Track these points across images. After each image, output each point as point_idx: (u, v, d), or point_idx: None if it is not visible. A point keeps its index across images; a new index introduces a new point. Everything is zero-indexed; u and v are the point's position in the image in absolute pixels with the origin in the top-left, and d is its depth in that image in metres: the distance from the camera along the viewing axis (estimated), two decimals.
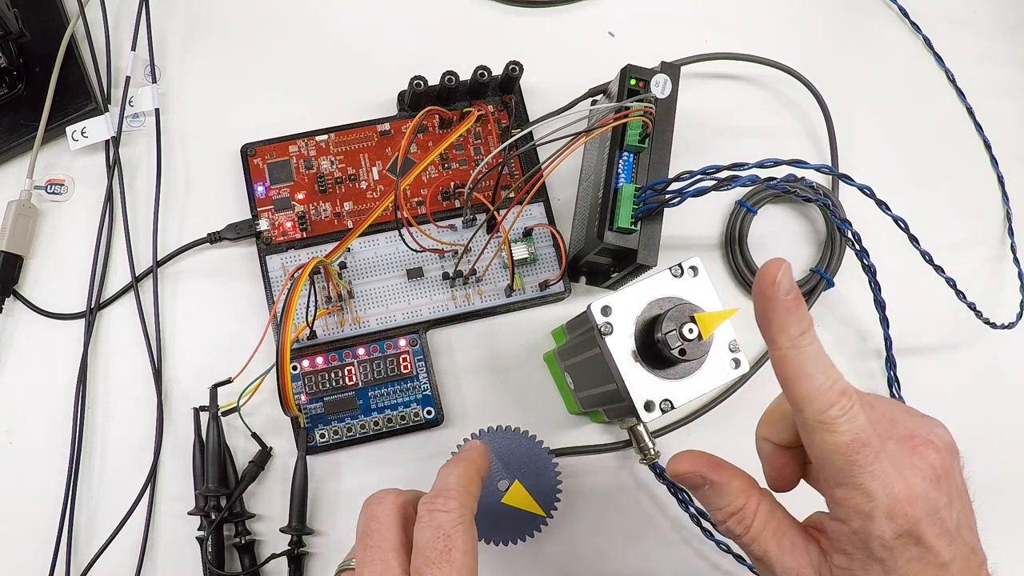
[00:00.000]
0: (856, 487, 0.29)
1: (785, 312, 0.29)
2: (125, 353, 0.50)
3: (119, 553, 0.47)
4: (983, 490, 0.54)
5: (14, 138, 0.52)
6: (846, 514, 0.29)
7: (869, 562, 0.29)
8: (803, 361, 0.29)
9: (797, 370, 0.29)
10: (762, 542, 0.32)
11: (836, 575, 0.31)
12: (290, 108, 0.54)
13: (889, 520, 0.29)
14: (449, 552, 0.32)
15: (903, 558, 0.29)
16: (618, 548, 0.51)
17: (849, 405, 0.29)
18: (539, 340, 0.53)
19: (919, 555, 0.29)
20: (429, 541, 0.32)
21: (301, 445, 0.48)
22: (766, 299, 0.29)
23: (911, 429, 0.31)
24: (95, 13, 0.54)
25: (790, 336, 0.29)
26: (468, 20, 0.58)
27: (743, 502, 0.33)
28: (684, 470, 0.34)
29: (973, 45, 0.62)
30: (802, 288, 0.54)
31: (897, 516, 0.28)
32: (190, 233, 0.52)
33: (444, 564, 0.31)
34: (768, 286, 0.29)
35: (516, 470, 0.44)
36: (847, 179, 0.41)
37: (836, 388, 0.29)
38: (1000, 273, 0.58)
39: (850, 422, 0.29)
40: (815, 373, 0.29)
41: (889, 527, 0.29)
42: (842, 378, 0.29)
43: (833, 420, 0.28)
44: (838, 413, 0.28)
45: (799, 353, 0.29)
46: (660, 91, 0.46)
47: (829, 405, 0.29)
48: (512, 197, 0.52)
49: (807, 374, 0.29)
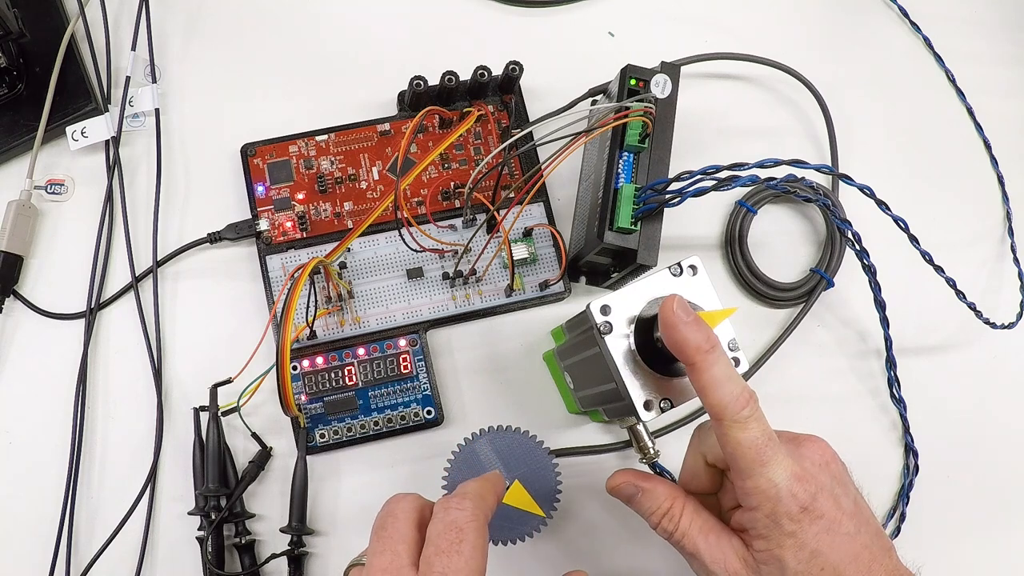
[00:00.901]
0: (763, 476, 0.34)
1: (690, 330, 0.34)
2: (125, 353, 0.50)
3: (119, 553, 0.47)
4: (983, 490, 0.55)
5: (14, 138, 0.52)
6: (757, 502, 0.34)
7: (783, 539, 0.34)
8: (715, 373, 0.34)
9: (712, 380, 0.34)
10: (691, 538, 0.37)
11: (759, 558, 0.35)
12: (290, 108, 0.54)
13: (792, 497, 0.34)
14: (460, 543, 0.33)
15: (811, 531, 0.34)
16: (618, 548, 0.51)
17: (755, 408, 0.34)
18: (539, 340, 0.53)
19: (826, 527, 0.34)
20: (441, 532, 0.33)
21: (301, 445, 0.48)
22: (672, 326, 0.35)
23: (793, 434, 0.37)
24: (95, 13, 0.54)
25: (701, 350, 0.34)
26: (468, 20, 0.58)
27: (670, 504, 0.38)
28: (617, 482, 0.40)
29: (973, 45, 0.62)
30: (802, 288, 0.54)
31: (797, 492, 0.34)
32: (190, 233, 0.52)
33: (454, 554, 0.32)
34: (670, 315, 0.35)
35: (516, 470, 0.44)
36: (847, 179, 0.41)
37: (744, 394, 0.34)
38: (1000, 273, 0.58)
39: (757, 421, 0.34)
40: (726, 382, 0.34)
41: (793, 502, 0.34)
42: (747, 385, 0.35)
43: (745, 420, 0.34)
44: (748, 414, 0.34)
45: (711, 364, 0.34)
46: (660, 91, 0.46)
47: (740, 407, 0.34)
48: (512, 197, 0.52)
49: (720, 383, 0.34)
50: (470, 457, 0.45)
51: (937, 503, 0.54)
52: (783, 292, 0.54)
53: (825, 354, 0.55)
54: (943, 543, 0.53)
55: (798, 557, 0.34)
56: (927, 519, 0.53)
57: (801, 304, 0.55)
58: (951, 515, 0.54)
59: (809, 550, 0.34)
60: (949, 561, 0.53)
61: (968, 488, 0.54)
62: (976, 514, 0.54)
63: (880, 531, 0.36)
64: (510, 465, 0.44)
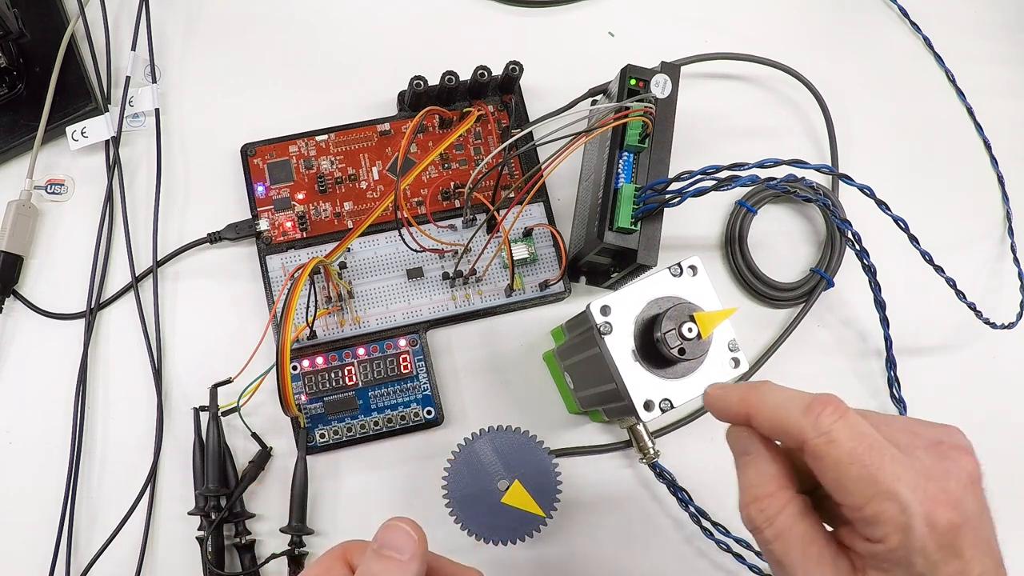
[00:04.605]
0: (885, 496, 0.26)
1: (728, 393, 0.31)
2: (125, 353, 0.50)
3: (119, 553, 0.47)
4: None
5: (14, 138, 0.52)
6: (883, 532, 0.26)
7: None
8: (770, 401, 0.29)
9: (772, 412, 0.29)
10: (785, 542, 0.29)
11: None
12: (290, 108, 0.54)
13: (931, 528, 0.26)
14: None
15: (944, 573, 0.26)
16: (618, 548, 0.51)
17: (839, 412, 0.28)
18: (539, 340, 0.53)
19: (959, 569, 0.26)
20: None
21: (301, 445, 0.48)
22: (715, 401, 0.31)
23: (937, 436, 0.29)
24: (95, 13, 0.54)
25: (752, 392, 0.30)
26: (468, 20, 0.58)
27: (772, 490, 0.30)
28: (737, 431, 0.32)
29: (973, 45, 0.62)
30: (802, 288, 0.54)
31: (939, 523, 0.26)
32: (190, 233, 0.52)
33: None
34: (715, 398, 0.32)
35: (516, 470, 0.45)
36: (847, 179, 0.41)
37: (811, 400, 0.28)
38: (1000, 273, 0.58)
39: (847, 427, 0.27)
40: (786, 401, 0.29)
41: (932, 537, 0.26)
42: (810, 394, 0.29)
43: (830, 428, 0.27)
44: (830, 420, 0.28)
45: (764, 396, 0.30)
46: (660, 91, 0.46)
47: (816, 415, 0.28)
48: (512, 197, 0.52)
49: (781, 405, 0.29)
50: (470, 457, 0.45)
51: None
52: (783, 292, 0.54)
53: (825, 354, 0.55)
54: None
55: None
56: None
57: (801, 304, 0.55)
58: None
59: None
60: None
61: None
62: None
63: (999, 560, 0.29)
64: (510, 465, 0.45)
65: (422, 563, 0.31)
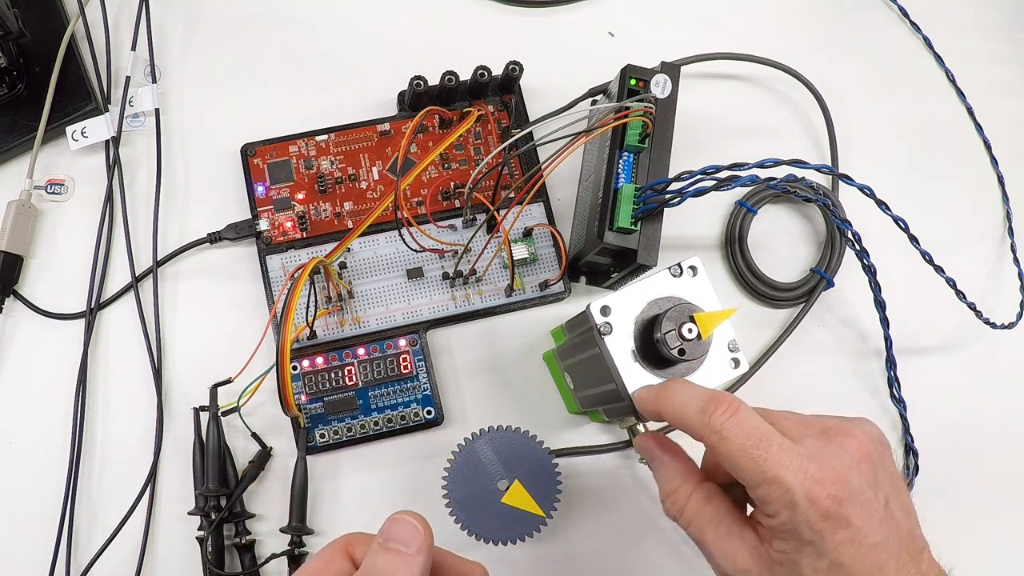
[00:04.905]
0: (771, 481, 0.30)
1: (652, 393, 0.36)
2: (125, 353, 0.50)
3: (119, 553, 0.47)
4: (984, 490, 0.55)
5: (14, 138, 0.52)
6: (774, 510, 0.31)
7: (802, 546, 0.31)
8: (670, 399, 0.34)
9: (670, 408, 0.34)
10: (697, 525, 0.34)
11: (774, 557, 0.32)
12: (290, 108, 0.54)
13: (811, 503, 0.30)
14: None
15: (833, 541, 0.30)
16: (618, 548, 0.51)
17: (730, 411, 0.32)
18: (539, 340, 0.53)
19: (849, 537, 0.30)
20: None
21: (301, 445, 0.48)
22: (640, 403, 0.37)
23: (827, 425, 0.33)
24: (95, 13, 0.54)
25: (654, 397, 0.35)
26: (468, 20, 0.58)
27: (677, 484, 0.35)
28: (640, 443, 0.38)
29: (973, 45, 0.62)
30: (802, 288, 0.54)
31: (818, 498, 0.30)
32: (190, 233, 0.52)
33: None
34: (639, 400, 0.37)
35: (516, 470, 0.45)
36: (847, 179, 0.41)
37: (706, 401, 0.32)
38: (1000, 273, 0.58)
39: (737, 425, 0.31)
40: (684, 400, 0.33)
41: (813, 509, 0.30)
42: (709, 390, 0.33)
43: (721, 427, 0.31)
44: (721, 419, 0.31)
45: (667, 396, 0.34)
46: (660, 91, 0.46)
47: (709, 416, 0.32)
48: (512, 197, 0.52)
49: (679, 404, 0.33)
50: (470, 457, 0.45)
51: (937, 503, 0.53)
52: (783, 292, 0.54)
53: (825, 354, 0.55)
54: (943, 543, 0.53)
55: (816, 566, 0.31)
56: (927, 519, 0.53)
57: (801, 304, 0.55)
58: (951, 515, 0.54)
59: (829, 560, 0.30)
60: (949, 561, 0.53)
61: (968, 488, 0.54)
62: (976, 514, 0.54)
63: (912, 532, 0.32)
64: (510, 465, 0.45)
65: (428, 557, 0.31)
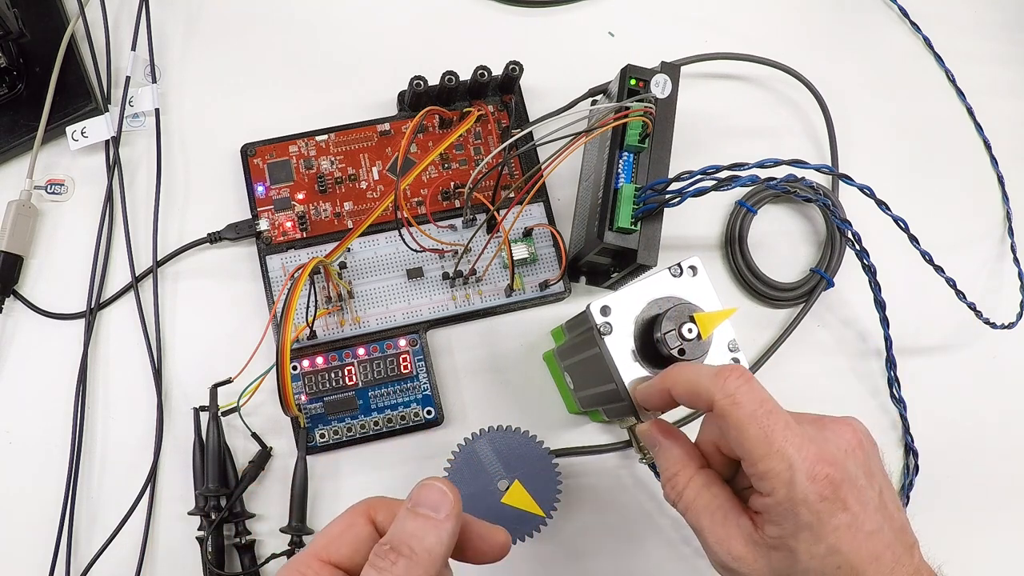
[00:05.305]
0: (776, 454, 0.30)
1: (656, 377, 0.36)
2: (125, 353, 0.50)
3: (119, 553, 0.47)
4: (984, 490, 0.55)
5: (14, 138, 0.52)
6: (771, 486, 0.30)
7: (798, 530, 0.30)
8: (685, 373, 0.34)
9: (685, 379, 0.34)
10: (694, 511, 0.34)
11: (770, 543, 0.31)
12: (290, 108, 0.54)
13: (811, 481, 0.30)
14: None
15: (830, 524, 0.30)
16: (618, 548, 0.51)
17: (744, 378, 0.32)
18: (539, 340, 0.53)
19: (847, 522, 0.30)
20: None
21: (301, 445, 0.48)
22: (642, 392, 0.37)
23: (821, 417, 0.34)
24: (95, 13, 0.54)
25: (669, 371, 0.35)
26: (468, 20, 0.58)
27: (677, 469, 0.35)
28: (643, 429, 0.37)
29: (973, 45, 0.62)
30: (802, 288, 0.54)
31: (818, 477, 0.30)
32: (190, 233, 0.52)
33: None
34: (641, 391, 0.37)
35: (516, 470, 0.45)
36: (847, 179, 0.41)
37: (715, 369, 0.32)
38: (1000, 273, 0.58)
39: (751, 391, 0.31)
40: (697, 372, 0.33)
41: (812, 488, 0.30)
42: (725, 364, 0.35)
43: (734, 391, 0.31)
44: (735, 384, 0.31)
45: (676, 373, 0.34)
46: (660, 91, 0.46)
47: (724, 379, 0.32)
48: (512, 197, 0.52)
49: (693, 374, 0.33)
50: (470, 457, 0.45)
51: (937, 503, 0.54)
52: (783, 292, 0.54)
53: (825, 354, 0.55)
54: (943, 543, 0.53)
55: (812, 552, 0.30)
56: (927, 519, 0.53)
57: (801, 304, 0.55)
58: (951, 515, 0.54)
59: (826, 545, 0.30)
60: (949, 561, 0.53)
61: (968, 488, 0.54)
62: (976, 514, 0.54)
63: (904, 527, 0.32)
64: (510, 465, 0.45)
65: (456, 523, 0.31)
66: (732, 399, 0.31)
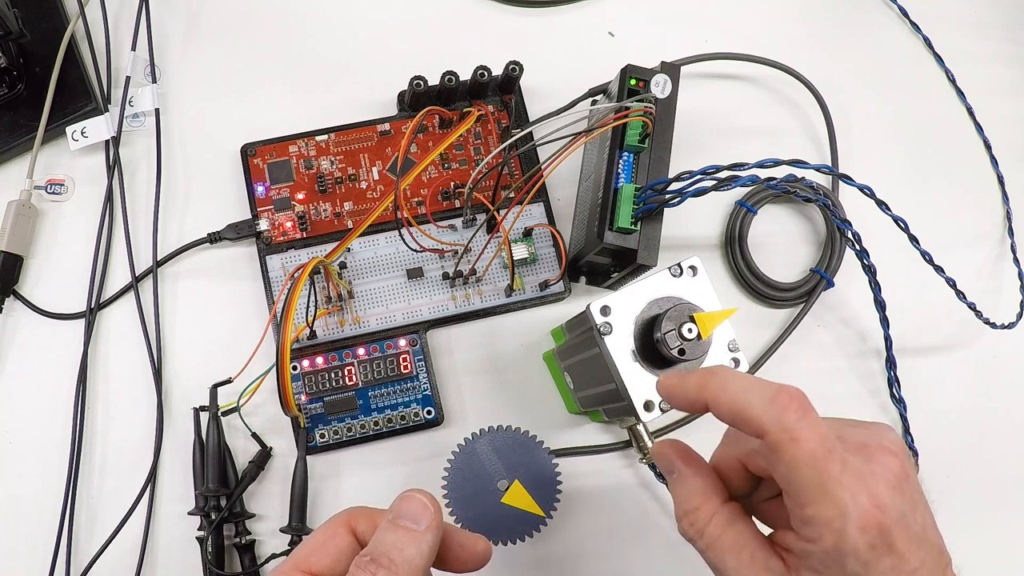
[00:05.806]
0: (827, 501, 0.27)
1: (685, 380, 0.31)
2: (125, 353, 0.50)
3: (119, 553, 0.47)
4: (984, 490, 0.55)
5: (14, 138, 0.52)
6: (818, 533, 0.28)
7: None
8: (730, 390, 0.29)
9: (733, 401, 0.29)
10: (718, 551, 0.31)
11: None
12: (290, 108, 0.54)
13: (862, 532, 0.27)
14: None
15: (876, 570, 0.27)
16: (618, 548, 0.51)
17: (803, 409, 0.28)
18: (539, 340, 0.53)
19: (891, 565, 0.27)
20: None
21: (301, 445, 0.48)
22: (671, 390, 0.32)
23: (862, 439, 0.30)
24: (95, 13, 0.54)
25: (703, 382, 0.30)
26: (468, 20, 0.58)
27: (698, 503, 0.32)
28: (660, 451, 0.34)
29: (973, 45, 0.62)
30: (802, 288, 0.54)
31: (869, 527, 0.27)
32: (190, 233, 0.52)
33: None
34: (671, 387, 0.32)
35: (516, 470, 0.45)
36: (847, 179, 0.41)
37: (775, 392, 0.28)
38: (1000, 273, 0.58)
39: (811, 426, 0.28)
40: (747, 391, 0.29)
41: (863, 539, 0.27)
42: (783, 384, 0.29)
43: (794, 426, 0.27)
44: (795, 417, 0.28)
45: (724, 382, 0.30)
46: (660, 91, 0.46)
47: (781, 409, 0.28)
48: (512, 197, 0.52)
49: (738, 398, 0.29)
50: (470, 457, 0.45)
51: (937, 503, 0.53)
52: (783, 292, 0.54)
53: (825, 354, 0.55)
54: (943, 543, 0.53)
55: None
56: None
57: (801, 304, 0.55)
58: (951, 515, 0.54)
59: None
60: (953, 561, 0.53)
61: (968, 488, 0.54)
62: (976, 514, 0.54)
63: (942, 549, 0.30)
64: (510, 465, 0.45)
65: (437, 534, 0.31)
66: (791, 435, 0.27)
